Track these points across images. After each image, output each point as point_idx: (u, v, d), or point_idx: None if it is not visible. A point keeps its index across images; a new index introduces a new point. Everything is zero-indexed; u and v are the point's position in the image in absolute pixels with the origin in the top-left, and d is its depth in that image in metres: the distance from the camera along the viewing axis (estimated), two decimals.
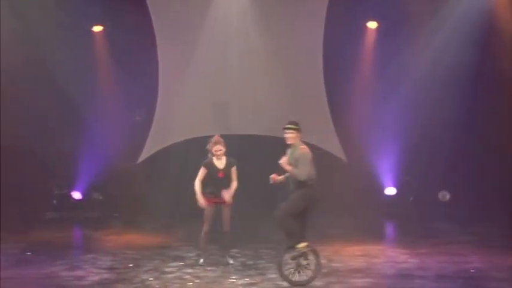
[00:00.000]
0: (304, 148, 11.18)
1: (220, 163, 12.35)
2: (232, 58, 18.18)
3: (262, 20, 18.00)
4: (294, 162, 11.05)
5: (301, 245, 11.02)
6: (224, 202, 12.30)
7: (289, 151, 11.25)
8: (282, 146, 17.62)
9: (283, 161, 11.11)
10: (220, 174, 12.33)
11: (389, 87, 18.05)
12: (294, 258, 11.08)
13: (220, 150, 12.33)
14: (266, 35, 18.06)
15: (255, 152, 18.02)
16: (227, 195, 12.28)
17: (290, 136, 11.24)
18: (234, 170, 12.42)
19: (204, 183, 12.37)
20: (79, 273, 11.94)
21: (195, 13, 18.12)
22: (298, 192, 11.03)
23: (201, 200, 12.24)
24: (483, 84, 17.54)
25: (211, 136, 12.64)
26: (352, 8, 17.74)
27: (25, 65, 17.42)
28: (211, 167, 12.33)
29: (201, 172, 12.35)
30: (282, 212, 10.96)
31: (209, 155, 12.43)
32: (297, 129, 11.28)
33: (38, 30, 17.54)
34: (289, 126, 11.26)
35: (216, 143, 12.34)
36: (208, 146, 12.42)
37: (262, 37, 18.09)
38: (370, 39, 18.62)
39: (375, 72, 18.44)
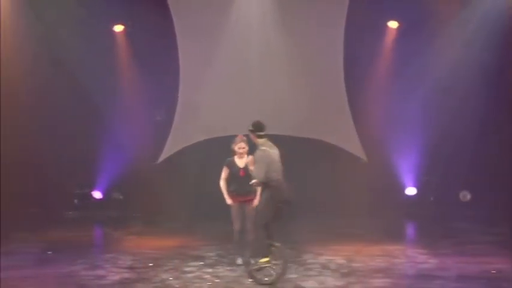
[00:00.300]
0: (261, 150, 11.19)
1: (241, 162, 12.37)
2: (253, 58, 18.20)
3: (282, 21, 18.00)
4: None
5: (263, 260, 11.08)
6: (247, 200, 12.30)
7: None
8: (302, 146, 17.70)
9: (249, 160, 11.19)
10: (241, 173, 12.33)
11: (410, 87, 18.00)
12: (258, 270, 11.15)
13: (243, 148, 12.36)
14: (286, 35, 18.06)
15: None
16: (256, 201, 12.31)
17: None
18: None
19: (226, 182, 12.41)
20: (99, 272, 11.97)
21: (215, 14, 18.14)
22: (263, 195, 11.17)
23: (227, 198, 12.31)
24: (505, 84, 17.45)
25: (233, 136, 12.67)
26: (373, 7, 17.69)
27: (46, 65, 17.53)
28: (232, 166, 12.36)
29: (224, 171, 12.40)
30: (255, 220, 11.16)
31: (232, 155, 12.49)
32: (250, 130, 11.35)
33: (58, 30, 17.63)
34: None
35: (239, 142, 12.38)
36: (232, 146, 12.45)
37: (282, 37, 18.10)
38: (390, 39, 18.55)
39: (395, 72, 18.35)
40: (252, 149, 11.91)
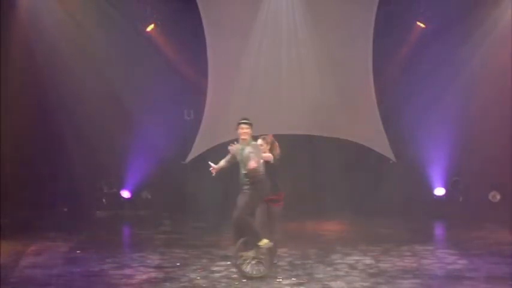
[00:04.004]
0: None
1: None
2: (282, 58, 18.22)
3: (311, 18, 18.00)
4: None
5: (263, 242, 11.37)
6: (270, 200, 12.18)
7: None
8: (331, 146, 17.63)
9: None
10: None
11: (439, 87, 17.95)
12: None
13: (261, 146, 12.08)
14: (316, 34, 18.06)
15: (304, 152, 18.05)
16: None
17: None
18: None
19: None
20: (127, 271, 12.01)
21: (245, 13, 18.17)
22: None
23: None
24: None
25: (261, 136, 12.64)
26: (402, 7, 17.65)
27: (77, 64, 17.64)
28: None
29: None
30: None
31: None
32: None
33: (90, 29, 17.76)
34: None
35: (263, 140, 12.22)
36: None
37: (311, 35, 18.09)
38: (420, 38, 18.41)
39: (424, 72, 18.24)
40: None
